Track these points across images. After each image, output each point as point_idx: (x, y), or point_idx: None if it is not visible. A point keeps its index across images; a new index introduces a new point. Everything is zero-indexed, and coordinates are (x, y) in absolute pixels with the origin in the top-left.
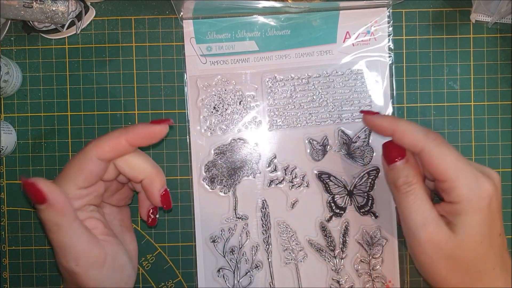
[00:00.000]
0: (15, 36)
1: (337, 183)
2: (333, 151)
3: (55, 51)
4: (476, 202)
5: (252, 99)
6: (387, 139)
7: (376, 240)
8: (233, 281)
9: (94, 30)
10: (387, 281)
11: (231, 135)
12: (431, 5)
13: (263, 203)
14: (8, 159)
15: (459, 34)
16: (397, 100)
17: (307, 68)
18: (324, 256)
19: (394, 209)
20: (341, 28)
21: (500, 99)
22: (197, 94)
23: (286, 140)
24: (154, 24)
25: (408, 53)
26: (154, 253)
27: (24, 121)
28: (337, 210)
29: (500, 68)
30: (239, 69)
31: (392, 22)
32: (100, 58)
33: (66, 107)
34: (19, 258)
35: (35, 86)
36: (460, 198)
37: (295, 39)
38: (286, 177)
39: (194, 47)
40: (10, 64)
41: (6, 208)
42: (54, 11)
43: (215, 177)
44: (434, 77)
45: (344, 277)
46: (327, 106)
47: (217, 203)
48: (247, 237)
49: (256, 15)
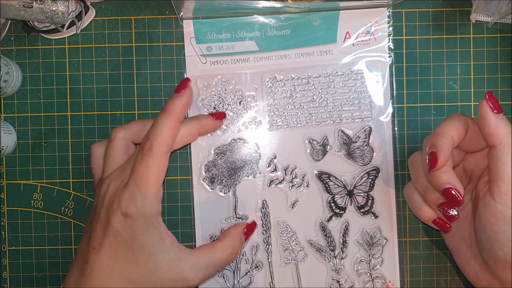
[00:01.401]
0: (15, 36)
1: (337, 183)
2: (333, 151)
3: (55, 51)
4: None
5: (252, 99)
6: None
7: (376, 240)
8: (233, 281)
9: (94, 30)
10: (387, 281)
11: (231, 135)
12: (431, 5)
13: (263, 203)
14: (8, 159)
15: (459, 34)
16: (397, 100)
17: (307, 68)
18: (324, 256)
19: (394, 209)
20: (341, 28)
21: (500, 99)
22: (197, 94)
23: (286, 140)
24: (154, 24)
25: (408, 53)
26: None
27: (24, 121)
28: (337, 210)
29: (500, 68)
30: (239, 69)
31: (392, 22)
32: (100, 58)
33: (66, 107)
34: (19, 258)
35: (35, 86)
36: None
37: (295, 39)
38: (286, 177)
39: (194, 47)
40: (10, 64)
41: (6, 208)
42: (54, 11)
43: (215, 177)
44: (434, 77)
45: (344, 277)
46: (327, 106)
47: (217, 203)
48: None
49: (256, 15)
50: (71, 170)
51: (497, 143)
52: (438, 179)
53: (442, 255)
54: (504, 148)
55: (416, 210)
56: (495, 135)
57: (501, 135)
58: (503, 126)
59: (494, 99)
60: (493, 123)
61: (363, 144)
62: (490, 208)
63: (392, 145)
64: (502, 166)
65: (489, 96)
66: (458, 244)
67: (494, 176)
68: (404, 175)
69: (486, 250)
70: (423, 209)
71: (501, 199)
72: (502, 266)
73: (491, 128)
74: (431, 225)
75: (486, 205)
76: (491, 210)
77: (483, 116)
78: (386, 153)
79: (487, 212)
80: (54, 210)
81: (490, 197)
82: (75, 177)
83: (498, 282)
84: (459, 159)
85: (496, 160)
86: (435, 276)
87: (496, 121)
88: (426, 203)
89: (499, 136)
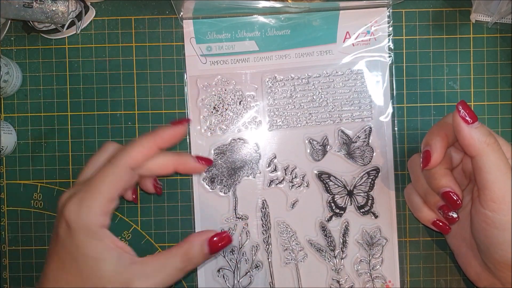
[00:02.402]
0: (15, 36)
1: (337, 183)
2: (333, 151)
3: (55, 51)
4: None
5: (252, 99)
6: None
7: (376, 240)
8: (233, 281)
9: (94, 30)
10: (387, 281)
11: (231, 135)
12: (431, 5)
13: (263, 203)
14: (8, 159)
15: (459, 34)
16: (397, 100)
17: (307, 68)
18: (324, 256)
19: (394, 209)
20: (341, 28)
21: (500, 99)
22: (197, 94)
23: (286, 140)
24: (154, 24)
25: (408, 53)
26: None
27: (24, 121)
28: (337, 210)
29: (500, 68)
30: (239, 69)
31: (392, 22)
32: (100, 58)
33: (66, 107)
34: (19, 258)
35: (35, 86)
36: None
37: (295, 39)
38: (286, 177)
39: (194, 47)
40: (10, 64)
41: (6, 208)
42: (54, 11)
43: (215, 177)
44: (434, 77)
45: (344, 277)
46: (327, 106)
47: (217, 203)
48: (247, 237)
49: (256, 15)
50: (71, 170)
51: (474, 154)
52: (438, 182)
53: (442, 255)
54: (482, 158)
55: (416, 212)
56: (471, 146)
57: (476, 146)
58: (477, 136)
59: (468, 108)
60: (467, 134)
61: (363, 144)
62: (480, 215)
63: (392, 145)
64: (484, 175)
65: (462, 106)
66: (459, 245)
67: (479, 185)
68: (404, 175)
69: (484, 253)
70: (423, 211)
71: (489, 206)
72: (501, 268)
73: (465, 139)
74: (431, 226)
75: (477, 211)
76: (481, 216)
77: (457, 128)
78: (386, 153)
79: (478, 218)
80: (54, 210)
81: (479, 204)
82: (75, 177)
83: (499, 283)
84: (458, 160)
85: (478, 169)
86: (435, 276)
87: (470, 132)
88: (426, 205)
89: (474, 147)
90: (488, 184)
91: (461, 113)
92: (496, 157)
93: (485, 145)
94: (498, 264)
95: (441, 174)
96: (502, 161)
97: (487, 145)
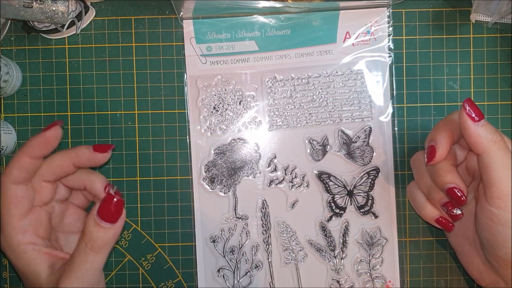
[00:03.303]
0: (15, 36)
1: (337, 183)
2: (333, 151)
3: (55, 51)
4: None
5: (252, 99)
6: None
7: (376, 240)
8: (233, 281)
9: (94, 30)
10: (387, 281)
11: (231, 135)
12: (431, 5)
13: (263, 203)
14: (8, 159)
15: (459, 34)
16: (397, 100)
17: (307, 68)
18: (324, 256)
19: (394, 209)
20: (341, 28)
21: (500, 99)
22: (197, 94)
23: (286, 140)
24: (154, 24)
25: (408, 53)
26: (154, 253)
27: (24, 121)
28: (337, 210)
29: (500, 68)
30: (239, 69)
31: (392, 22)
32: (100, 58)
33: (66, 107)
34: None
35: (35, 86)
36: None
37: (295, 39)
38: (286, 177)
39: (194, 47)
40: (10, 64)
41: None
42: (54, 11)
43: (215, 177)
44: (434, 77)
45: (344, 277)
46: (327, 106)
47: (217, 203)
48: (247, 237)
49: (256, 15)
50: None
51: (480, 152)
52: (442, 178)
53: (442, 255)
54: (488, 155)
55: (419, 209)
56: (477, 144)
57: (483, 144)
58: (484, 134)
59: (474, 106)
60: (473, 132)
61: (363, 144)
62: (486, 212)
63: (392, 145)
64: (490, 173)
65: (468, 104)
66: (461, 243)
67: (485, 182)
68: (404, 175)
69: (488, 250)
70: (426, 208)
71: (495, 203)
72: (504, 265)
73: (472, 137)
74: (434, 224)
75: (482, 208)
76: (487, 213)
77: (463, 126)
78: (386, 153)
79: (483, 215)
80: None
81: (485, 201)
82: None
83: (502, 281)
84: (462, 158)
85: (484, 167)
86: (435, 276)
87: (476, 130)
88: (429, 202)
89: (481, 145)
90: (495, 182)
91: (468, 111)
92: (502, 155)
93: (491, 142)
94: (502, 261)
95: (446, 170)
96: (509, 158)
97: (493, 142)
